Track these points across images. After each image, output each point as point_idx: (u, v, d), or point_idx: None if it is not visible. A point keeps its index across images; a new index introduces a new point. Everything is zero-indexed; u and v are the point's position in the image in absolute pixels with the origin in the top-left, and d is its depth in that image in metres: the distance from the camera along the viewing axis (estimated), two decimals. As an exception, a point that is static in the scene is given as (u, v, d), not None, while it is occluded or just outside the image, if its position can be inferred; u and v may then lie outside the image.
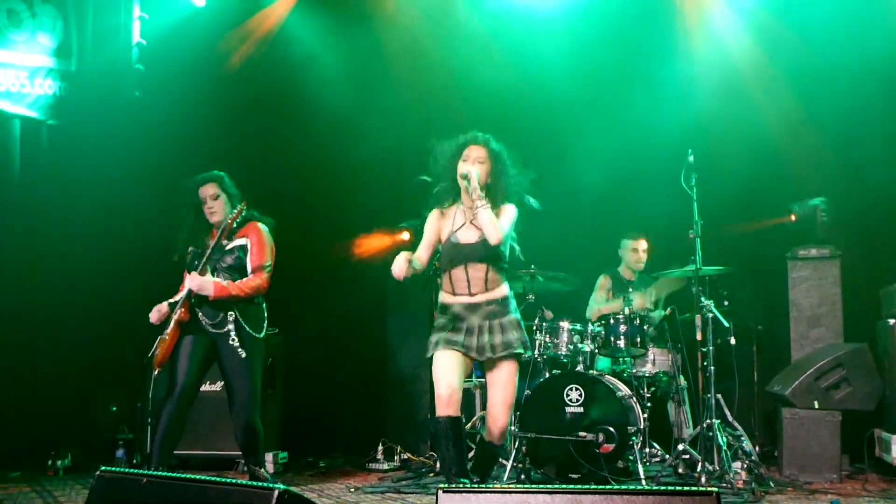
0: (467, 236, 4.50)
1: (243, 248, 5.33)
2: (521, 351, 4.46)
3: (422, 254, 4.56)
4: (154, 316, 5.29)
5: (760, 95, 7.27)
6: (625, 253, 7.06)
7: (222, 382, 6.55)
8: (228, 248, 5.34)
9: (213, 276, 5.23)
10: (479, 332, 4.44)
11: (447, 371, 4.40)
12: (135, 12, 7.73)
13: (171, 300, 5.33)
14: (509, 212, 4.52)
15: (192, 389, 5.24)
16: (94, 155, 7.24)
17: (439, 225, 4.62)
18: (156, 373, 5.32)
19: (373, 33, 8.03)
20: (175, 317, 5.18)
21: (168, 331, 5.19)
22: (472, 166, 4.45)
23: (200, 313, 5.24)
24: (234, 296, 5.21)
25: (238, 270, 5.30)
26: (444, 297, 4.57)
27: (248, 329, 5.28)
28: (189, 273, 5.25)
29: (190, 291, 5.18)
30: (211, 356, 5.32)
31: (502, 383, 4.47)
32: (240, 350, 5.22)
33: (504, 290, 4.52)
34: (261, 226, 5.45)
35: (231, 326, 5.24)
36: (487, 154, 4.51)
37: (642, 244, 7.00)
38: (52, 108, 7.36)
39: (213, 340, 5.26)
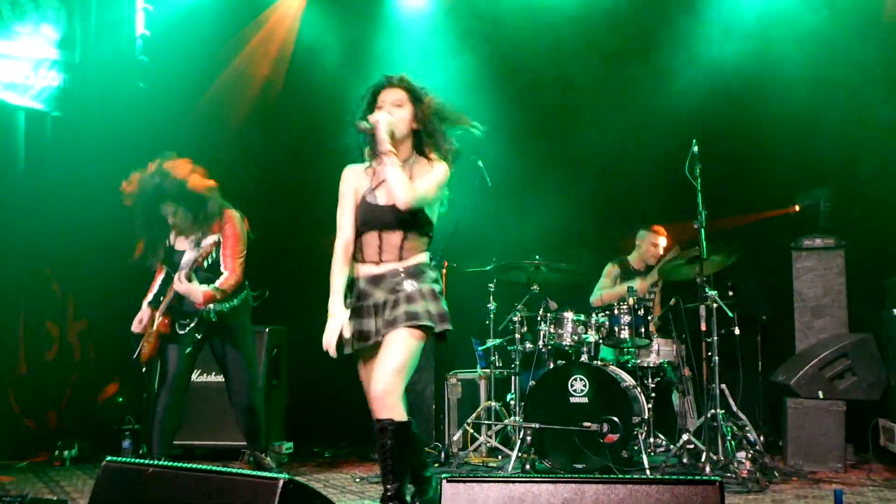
0: (379, 192, 3.75)
1: (217, 244, 5.26)
2: (431, 324, 3.60)
3: (344, 224, 3.81)
4: (137, 326, 5.30)
5: (765, 85, 7.25)
6: (643, 244, 7.03)
7: (227, 373, 6.58)
8: (207, 243, 5.23)
9: (196, 275, 5.18)
10: (383, 309, 3.68)
11: (367, 382, 3.76)
12: (138, 3, 7.73)
13: (148, 299, 5.35)
14: (439, 173, 3.74)
15: (184, 378, 5.25)
16: (99, 146, 7.25)
17: (356, 184, 3.84)
18: (144, 370, 5.34)
19: (377, 23, 8.03)
20: (158, 324, 5.18)
21: (152, 332, 5.21)
22: (383, 114, 3.68)
23: (181, 321, 5.22)
24: (220, 299, 5.22)
25: (211, 267, 5.25)
26: (353, 267, 3.80)
27: (232, 318, 5.32)
28: (165, 270, 5.30)
29: (172, 298, 5.17)
30: (201, 345, 5.36)
31: (391, 346, 3.59)
32: (228, 341, 5.30)
33: (419, 258, 3.75)
34: (233, 216, 5.38)
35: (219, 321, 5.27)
36: (407, 96, 3.75)
37: (662, 241, 6.98)
38: (57, 100, 7.36)
39: (201, 340, 5.31)
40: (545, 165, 7.78)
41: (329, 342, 3.69)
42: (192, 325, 5.23)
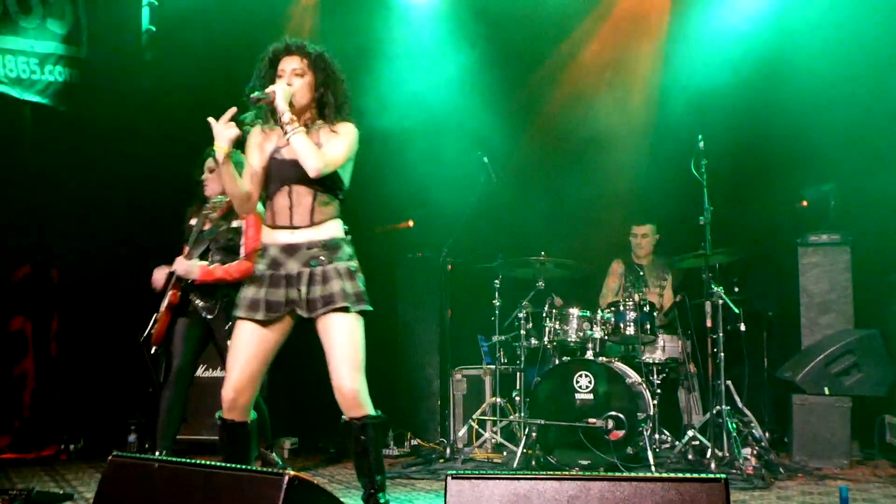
0: (291, 153, 3.60)
1: (237, 231, 5.23)
2: (348, 305, 3.52)
3: (247, 183, 3.72)
4: (157, 277, 5.25)
5: (773, 79, 7.23)
6: (632, 238, 7.04)
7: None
8: (223, 228, 5.24)
9: (208, 255, 5.18)
10: (298, 282, 3.58)
11: (239, 358, 3.61)
12: (144, -1, 7.76)
13: (172, 268, 5.30)
14: (348, 134, 3.64)
15: (188, 372, 5.25)
16: (105, 141, 7.26)
17: (263, 143, 3.71)
18: (153, 350, 5.34)
19: (388, 17, 8.03)
20: (166, 298, 5.17)
21: (161, 310, 5.19)
22: (279, 84, 3.60)
23: (193, 297, 5.21)
24: (219, 279, 5.10)
25: (230, 252, 5.20)
26: (263, 233, 3.71)
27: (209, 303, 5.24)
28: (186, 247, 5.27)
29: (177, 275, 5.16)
30: (206, 338, 5.31)
31: (338, 341, 3.54)
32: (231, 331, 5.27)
33: (332, 228, 3.64)
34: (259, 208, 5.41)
35: (224, 311, 5.20)
36: (308, 64, 3.65)
37: (642, 230, 6.94)
38: (63, 95, 7.37)
39: (207, 323, 5.26)
40: (551, 161, 7.77)
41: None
42: (202, 303, 5.19)
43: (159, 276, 5.27)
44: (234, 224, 5.24)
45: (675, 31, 7.52)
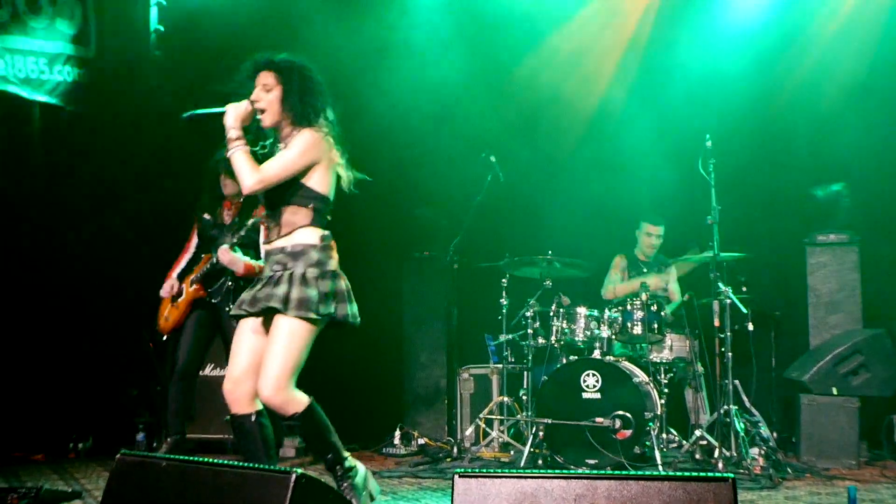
0: None
1: (255, 229, 5.32)
2: (279, 307, 3.52)
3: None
4: (166, 289, 5.51)
5: (783, 78, 7.22)
6: (640, 235, 7.03)
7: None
8: (245, 223, 5.35)
9: (215, 248, 5.38)
10: (258, 283, 3.68)
11: (234, 351, 3.72)
12: (152, -1, 7.78)
13: (177, 271, 5.57)
14: (295, 145, 3.63)
15: (194, 367, 5.51)
16: (113, 141, 7.28)
17: None
18: (164, 337, 5.55)
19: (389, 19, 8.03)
20: (191, 291, 5.42)
21: (181, 301, 5.46)
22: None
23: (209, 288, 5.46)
24: (258, 274, 5.30)
25: (250, 247, 5.34)
26: None
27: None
28: (204, 241, 5.50)
29: (210, 267, 5.37)
30: (213, 331, 5.52)
31: (270, 346, 3.59)
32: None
33: (299, 237, 3.64)
34: None
35: (229, 297, 5.40)
36: (276, 78, 3.71)
37: (658, 230, 6.96)
38: (71, 95, 7.40)
39: (215, 313, 5.45)
40: (558, 160, 7.77)
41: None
42: (223, 292, 5.43)
43: (168, 291, 5.52)
44: (251, 222, 5.33)
45: (686, 26, 7.49)
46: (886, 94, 6.73)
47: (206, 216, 5.56)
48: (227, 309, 5.30)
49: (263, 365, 3.57)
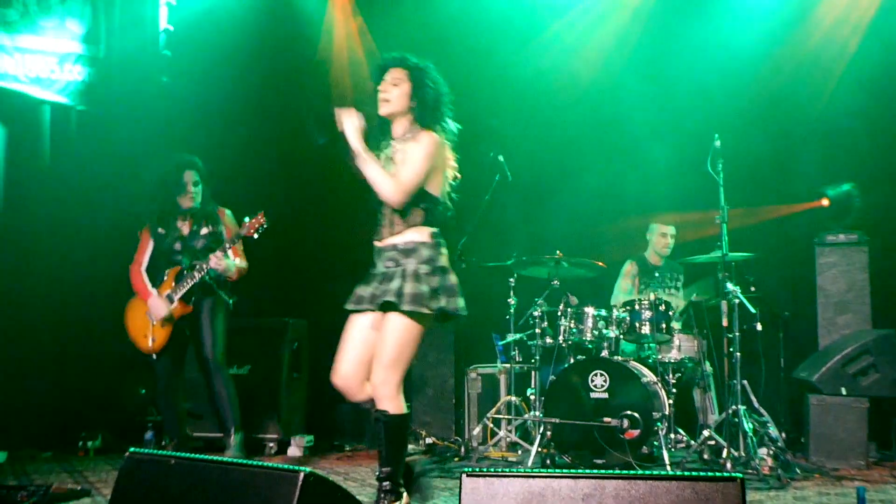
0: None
1: (213, 235, 5.60)
2: (394, 301, 3.70)
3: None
4: (163, 311, 5.54)
5: (793, 76, 7.19)
6: (653, 237, 7.02)
7: (249, 366, 6.66)
8: (202, 233, 5.61)
9: (174, 260, 5.61)
10: (372, 280, 3.88)
11: (346, 347, 3.88)
12: (162, -2, 7.80)
13: (149, 288, 5.66)
14: (420, 149, 3.79)
15: (176, 378, 5.68)
16: (123, 140, 7.31)
17: None
18: (154, 356, 5.61)
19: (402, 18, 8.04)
20: (177, 309, 5.51)
21: (156, 323, 5.55)
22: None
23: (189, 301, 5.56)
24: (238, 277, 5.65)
25: (205, 256, 5.50)
26: None
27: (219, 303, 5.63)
28: (163, 253, 5.64)
29: (191, 283, 5.47)
30: (186, 339, 5.64)
31: (382, 338, 3.76)
32: (207, 319, 5.56)
33: (413, 235, 3.84)
34: (228, 212, 5.78)
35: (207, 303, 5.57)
36: (405, 74, 3.88)
37: (671, 230, 6.97)
38: (82, 94, 7.44)
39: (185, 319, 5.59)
40: (566, 159, 7.76)
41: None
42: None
43: (160, 305, 5.55)
44: (204, 231, 5.63)
45: (695, 24, 7.48)
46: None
47: (160, 230, 5.66)
48: (204, 318, 5.49)
49: (377, 356, 3.75)
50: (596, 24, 7.60)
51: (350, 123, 3.83)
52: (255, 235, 5.40)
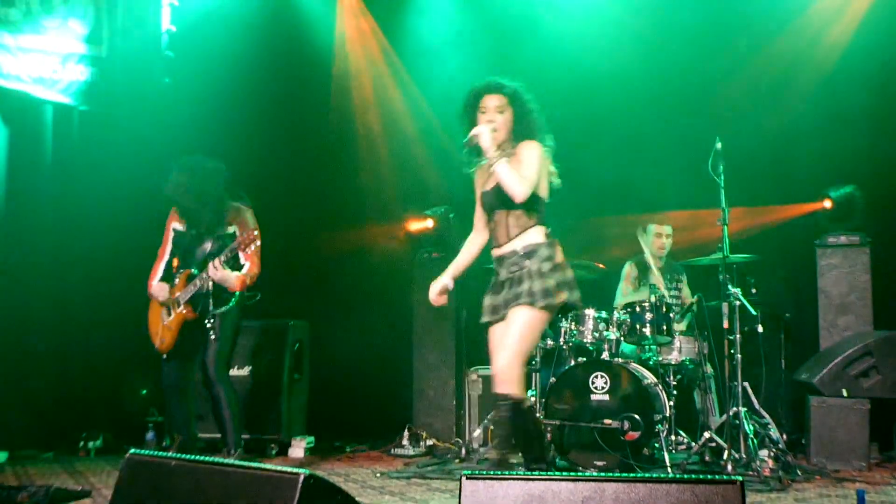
0: (489, 184, 4.28)
1: (231, 236, 5.51)
2: (528, 301, 4.05)
3: (476, 220, 4.46)
4: (162, 296, 5.57)
5: (792, 76, 7.19)
6: (649, 238, 7.00)
7: (250, 367, 6.67)
8: (218, 234, 5.57)
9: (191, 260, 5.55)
10: (501, 288, 4.22)
11: (492, 356, 4.26)
12: (164, -1, 7.81)
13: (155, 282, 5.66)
14: (532, 153, 4.16)
15: (185, 380, 5.69)
16: (125, 140, 7.33)
17: (478, 183, 4.42)
18: (164, 356, 5.62)
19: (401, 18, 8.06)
20: (181, 313, 5.49)
21: (171, 321, 5.54)
22: (482, 127, 4.15)
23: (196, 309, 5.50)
24: (246, 284, 5.51)
25: (229, 260, 5.44)
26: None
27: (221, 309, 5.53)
28: (180, 249, 5.63)
29: (195, 289, 5.43)
30: (197, 341, 5.55)
31: (509, 327, 4.10)
32: (214, 328, 5.47)
33: (529, 238, 4.20)
34: (246, 209, 5.68)
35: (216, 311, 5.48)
36: (507, 101, 4.22)
37: (666, 230, 6.95)
38: (84, 94, 7.44)
39: (197, 321, 5.53)
40: (565, 160, 7.74)
41: (431, 295, 4.41)
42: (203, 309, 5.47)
43: (162, 290, 5.57)
44: (229, 230, 5.57)
45: (698, 30, 7.48)
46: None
47: (179, 225, 5.66)
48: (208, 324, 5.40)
49: (503, 343, 4.09)
50: (590, 26, 7.58)
51: (485, 132, 4.12)
52: (246, 253, 5.37)
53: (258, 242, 5.28)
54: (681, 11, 7.48)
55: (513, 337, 4.05)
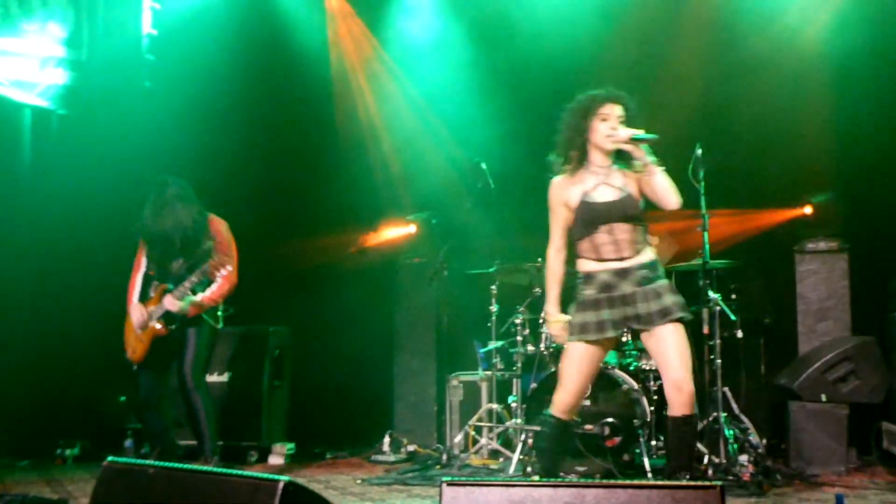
0: (605, 195, 4.13)
1: (207, 252, 5.48)
2: (683, 314, 4.07)
3: (556, 236, 4.32)
4: (140, 322, 5.56)
5: (773, 83, 7.23)
6: None
7: (229, 374, 6.64)
8: (193, 251, 5.54)
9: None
10: (633, 301, 4.08)
11: (573, 376, 4.19)
12: (145, 2, 7.79)
13: (134, 300, 5.66)
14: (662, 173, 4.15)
15: (156, 394, 5.70)
16: (105, 145, 7.28)
17: (567, 193, 4.23)
18: (135, 367, 5.58)
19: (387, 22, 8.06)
20: (155, 329, 5.51)
21: (144, 334, 5.55)
22: (627, 129, 4.12)
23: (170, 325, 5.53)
24: (207, 307, 5.50)
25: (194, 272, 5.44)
26: (585, 265, 4.22)
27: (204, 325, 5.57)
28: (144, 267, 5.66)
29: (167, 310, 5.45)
30: (171, 355, 5.60)
31: (675, 345, 4.03)
32: (190, 338, 5.52)
33: (650, 252, 4.18)
34: (220, 222, 5.66)
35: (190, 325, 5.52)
36: (625, 113, 4.17)
37: (653, 240, 6.96)
38: (63, 98, 7.40)
39: (172, 334, 5.55)
40: (548, 168, 7.76)
41: (559, 340, 4.33)
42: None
43: (139, 313, 5.56)
44: (220, 262, 5.48)
45: (675, 32, 7.51)
46: (876, 101, 6.75)
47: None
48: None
49: (678, 363, 4.02)
50: (584, 30, 7.60)
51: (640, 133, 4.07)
52: (217, 279, 5.38)
53: (229, 268, 5.33)
54: (664, 17, 7.52)
55: (686, 356, 4.05)
